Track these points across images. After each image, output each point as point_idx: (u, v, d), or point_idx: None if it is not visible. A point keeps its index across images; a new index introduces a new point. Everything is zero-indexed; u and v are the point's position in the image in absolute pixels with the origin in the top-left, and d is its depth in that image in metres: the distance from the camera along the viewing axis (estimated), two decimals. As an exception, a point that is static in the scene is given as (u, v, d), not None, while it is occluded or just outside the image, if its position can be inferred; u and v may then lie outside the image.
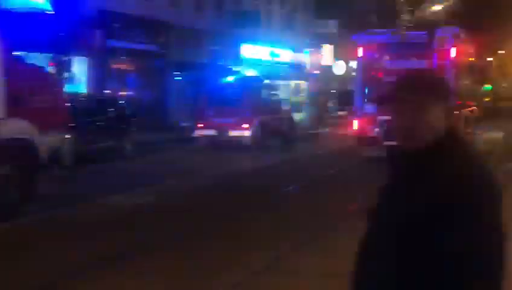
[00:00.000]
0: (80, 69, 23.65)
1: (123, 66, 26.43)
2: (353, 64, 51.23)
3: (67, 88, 21.94)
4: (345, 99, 30.86)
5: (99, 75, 24.03)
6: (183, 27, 27.72)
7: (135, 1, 24.98)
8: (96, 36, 23.11)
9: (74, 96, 17.90)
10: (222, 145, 19.35)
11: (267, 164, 16.01)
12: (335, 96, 40.10)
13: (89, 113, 16.33)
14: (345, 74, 45.12)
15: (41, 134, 9.73)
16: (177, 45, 27.67)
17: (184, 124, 22.51)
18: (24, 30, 18.29)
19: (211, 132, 19.35)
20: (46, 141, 9.86)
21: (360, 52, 16.11)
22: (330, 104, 38.97)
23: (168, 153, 18.61)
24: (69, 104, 16.49)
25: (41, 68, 11.12)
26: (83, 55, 23.18)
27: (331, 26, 41.84)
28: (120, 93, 25.11)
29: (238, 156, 17.56)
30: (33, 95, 9.93)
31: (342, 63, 44.74)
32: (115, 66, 25.58)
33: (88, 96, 18.82)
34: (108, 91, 24.16)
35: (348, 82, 49.69)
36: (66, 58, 21.17)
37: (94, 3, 22.75)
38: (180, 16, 27.82)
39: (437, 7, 53.31)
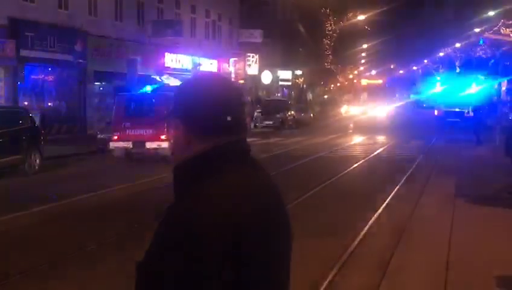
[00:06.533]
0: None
1: (38, 77, 25.53)
2: (280, 73, 51.43)
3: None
4: None
5: (12, 86, 23.11)
6: (102, 36, 27.05)
7: (49, 9, 24.17)
8: (7, 46, 22.19)
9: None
10: (139, 158, 18.82)
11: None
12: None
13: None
14: (270, 83, 45.19)
15: None
16: (96, 54, 26.97)
17: (101, 136, 21.79)
18: None
19: (127, 144, 18.80)
20: None
21: None
22: (257, 113, 38.52)
23: (79, 167, 17.91)
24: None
25: None
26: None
27: (256, 35, 41.90)
28: (35, 105, 24.24)
29: (151, 168, 17.05)
30: None
31: (268, 72, 44.86)
32: (30, 77, 24.67)
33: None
34: (25, 103, 23.28)
35: (274, 91, 49.78)
36: None
37: (4, 11, 21.86)
38: (98, 24, 27.14)
39: (360, 17, 54.33)
